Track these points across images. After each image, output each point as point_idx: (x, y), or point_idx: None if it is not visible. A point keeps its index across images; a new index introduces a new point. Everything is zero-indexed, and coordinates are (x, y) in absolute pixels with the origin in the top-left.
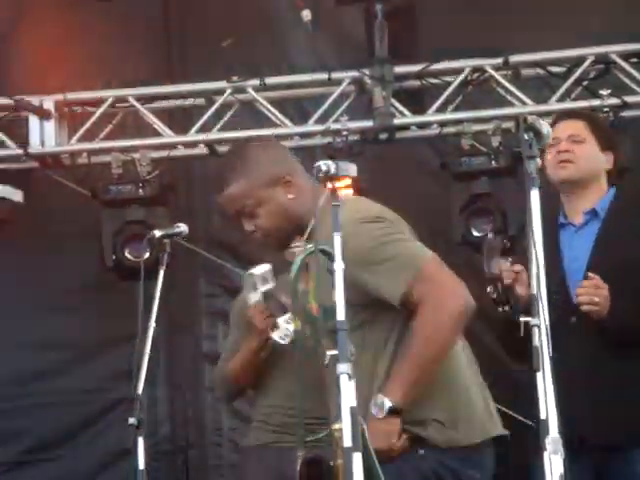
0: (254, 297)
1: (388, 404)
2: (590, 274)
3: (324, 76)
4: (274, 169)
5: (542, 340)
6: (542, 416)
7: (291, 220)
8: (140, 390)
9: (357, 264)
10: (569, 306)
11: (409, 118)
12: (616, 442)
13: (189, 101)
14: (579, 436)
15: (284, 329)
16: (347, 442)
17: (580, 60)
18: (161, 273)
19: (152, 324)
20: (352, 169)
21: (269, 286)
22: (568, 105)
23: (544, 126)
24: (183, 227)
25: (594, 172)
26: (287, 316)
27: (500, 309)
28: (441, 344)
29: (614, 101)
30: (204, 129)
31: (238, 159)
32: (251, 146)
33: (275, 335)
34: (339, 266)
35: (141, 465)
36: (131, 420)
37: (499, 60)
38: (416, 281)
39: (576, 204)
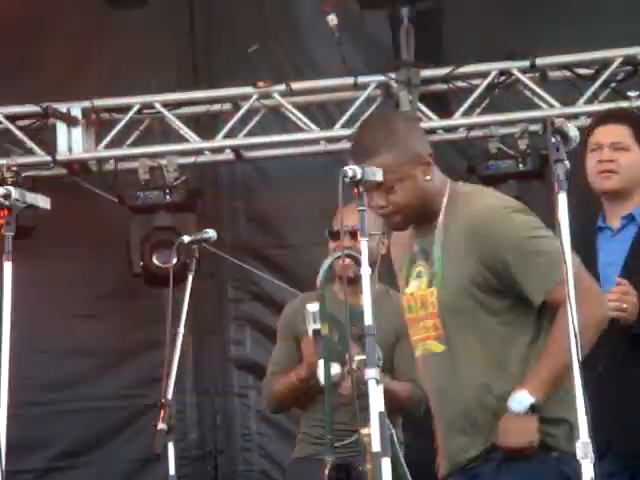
0: (310, 329)
1: (530, 400)
2: (619, 279)
3: (350, 80)
4: (419, 147)
5: (572, 344)
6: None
7: (424, 201)
8: (170, 395)
9: (508, 249)
10: None
11: (436, 122)
12: None
13: (215, 107)
14: (606, 439)
15: (333, 372)
16: (376, 447)
17: (608, 62)
18: (190, 279)
19: (181, 330)
20: (378, 174)
21: (317, 326)
22: (596, 107)
23: (572, 129)
24: (211, 233)
25: (638, 180)
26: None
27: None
28: (583, 346)
29: None
30: (230, 134)
31: (385, 130)
32: (398, 119)
33: (320, 375)
34: (365, 271)
35: (172, 470)
36: (161, 425)
37: (526, 63)
38: (562, 282)
39: (616, 209)
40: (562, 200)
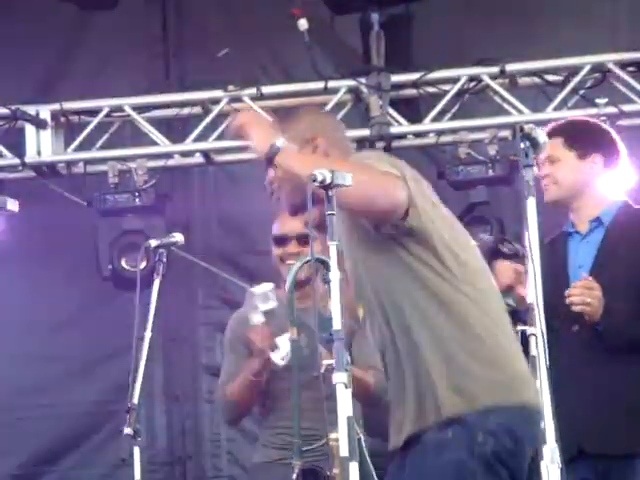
0: (255, 317)
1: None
2: (583, 274)
3: (320, 85)
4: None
5: (539, 349)
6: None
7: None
8: (136, 400)
9: None
10: (571, 314)
11: (406, 127)
12: (618, 450)
13: (185, 110)
14: (578, 446)
15: (284, 350)
16: (344, 452)
17: (577, 69)
18: (156, 283)
19: (148, 334)
20: (347, 178)
21: (270, 305)
22: (565, 114)
23: (541, 135)
24: (178, 236)
25: (579, 185)
26: (286, 335)
27: None
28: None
29: (611, 110)
30: (200, 138)
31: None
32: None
33: (274, 356)
34: (335, 276)
35: (137, 475)
36: (127, 430)
37: (495, 69)
38: None
39: (580, 214)
40: (531, 204)
